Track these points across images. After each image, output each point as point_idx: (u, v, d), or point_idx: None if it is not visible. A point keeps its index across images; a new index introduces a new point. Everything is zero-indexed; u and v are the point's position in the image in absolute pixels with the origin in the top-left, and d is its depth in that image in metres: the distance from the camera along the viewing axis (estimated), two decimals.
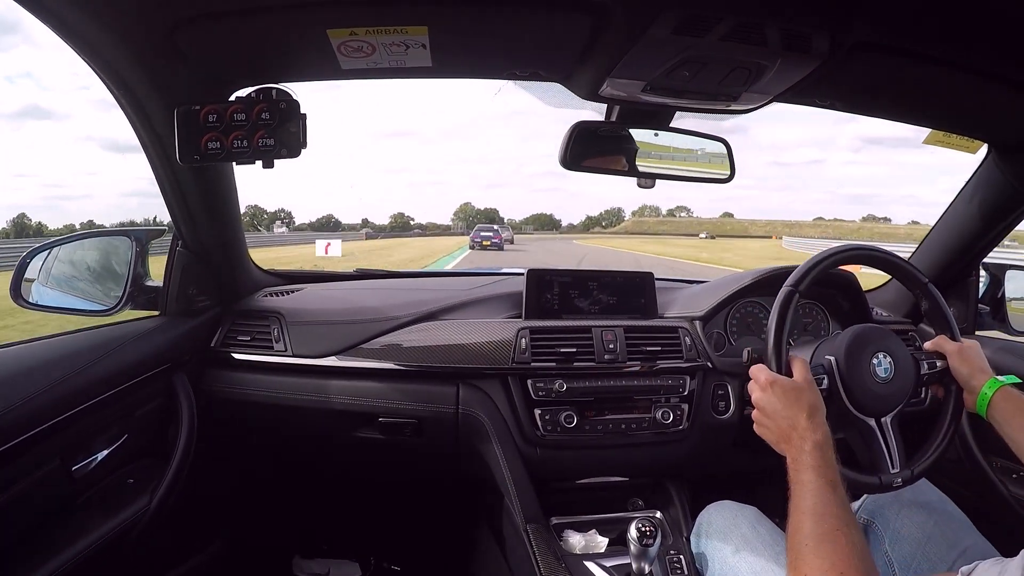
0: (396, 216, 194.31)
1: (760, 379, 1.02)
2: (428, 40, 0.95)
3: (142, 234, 1.37)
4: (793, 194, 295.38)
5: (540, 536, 1.27)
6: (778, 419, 0.96)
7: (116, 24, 0.89)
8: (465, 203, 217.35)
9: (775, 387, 0.99)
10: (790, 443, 0.92)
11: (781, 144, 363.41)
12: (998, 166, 1.39)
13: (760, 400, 1.01)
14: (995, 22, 0.86)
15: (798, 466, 0.88)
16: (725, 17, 0.86)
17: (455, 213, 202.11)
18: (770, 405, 0.98)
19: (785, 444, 0.94)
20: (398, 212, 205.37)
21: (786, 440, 0.94)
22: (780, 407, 0.96)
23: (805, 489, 0.85)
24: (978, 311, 1.67)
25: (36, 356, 1.07)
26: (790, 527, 0.83)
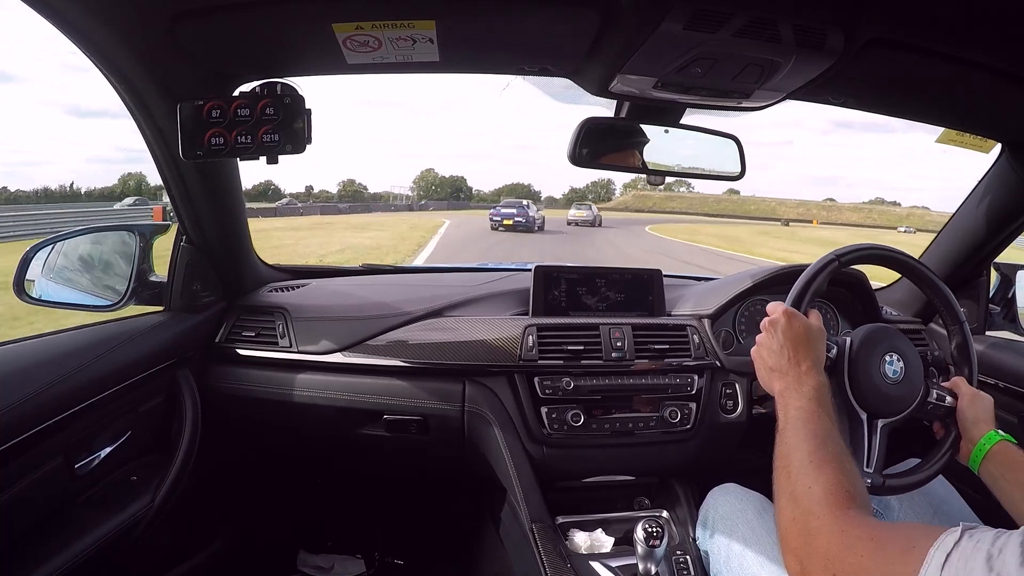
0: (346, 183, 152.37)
1: (778, 308, 1.00)
2: (436, 35, 0.93)
3: (146, 229, 1.37)
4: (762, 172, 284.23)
5: (545, 535, 1.26)
6: (783, 350, 0.95)
7: (118, 19, 0.88)
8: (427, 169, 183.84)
9: (792, 319, 0.97)
10: (786, 375, 0.92)
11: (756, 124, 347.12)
12: (1011, 165, 1.38)
13: (774, 322, 0.98)
14: (1010, 20, 0.84)
15: (795, 395, 0.88)
16: (738, 13, 0.84)
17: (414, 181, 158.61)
18: (780, 333, 0.96)
19: (780, 375, 0.93)
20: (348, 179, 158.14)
21: (782, 372, 0.93)
22: (789, 339, 0.95)
23: (804, 415, 0.84)
24: (988, 311, 1.66)
25: (39, 353, 1.06)
26: (783, 448, 0.82)
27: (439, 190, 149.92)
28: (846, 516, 0.64)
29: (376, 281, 1.81)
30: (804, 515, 0.69)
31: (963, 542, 0.49)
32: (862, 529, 0.61)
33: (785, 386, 0.91)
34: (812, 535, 0.65)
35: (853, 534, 0.61)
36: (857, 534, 0.60)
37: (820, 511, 0.67)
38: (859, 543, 0.59)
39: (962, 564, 0.47)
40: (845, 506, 0.67)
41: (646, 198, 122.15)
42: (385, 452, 1.50)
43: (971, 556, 0.47)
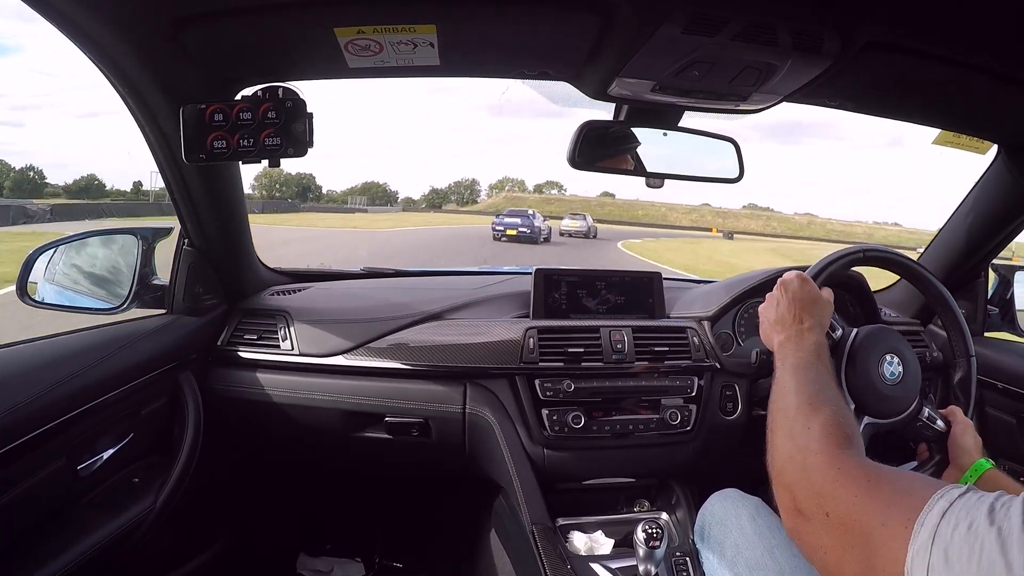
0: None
1: (794, 272, 1.04)
2: (437, 39, 0.94)
3: (148, 232, 1.37)
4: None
5: (546, 537, 1.27)
6: (791, 307, 0.98)
7: (122, 22, 0.89)
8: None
9: (805, 283, 1.01)
10: (788, 329, 0.95)
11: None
12: (1008, 167, 1.39)
13: (787, 283, 1.02)
14: (1007, 22, 0.85)
15: (795, 347, 0.91)
16: (736, 17, 0.85)
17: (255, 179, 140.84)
18: (791, 292, 1.00)
19: (782, 328, 0.97)
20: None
21: (784, 326, 0.96)
22: (799, 299, 0.98)
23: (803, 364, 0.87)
24: (987, 312, 1.67)
25: (42, 355, 1.07)
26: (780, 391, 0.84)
27: (284, 189, 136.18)
28: (843, 455, 0.65)
29: (377, 284, 1.82)
30: (801, 452, 0.70)
31: (968, 495, 0.49)
32: (859, 469, 0.61)
33: (786, 338, 0.94)
34: (808, 471, 0.66)
35: (849, 473, 0.61)
36: (853, 473, 0.61)
37: (817, 448, 0.68)
38: (854, 482, 0.59)
39: (963, 513, 0.47)
40: (844, 445, 0.67)
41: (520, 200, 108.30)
42: (386, 454, 1.50)
43: (974, 507, 0.47)
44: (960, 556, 0.45)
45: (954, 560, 0.45)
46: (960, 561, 0.44)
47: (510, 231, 22.24)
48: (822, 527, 0.59)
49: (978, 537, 0.44)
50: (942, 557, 0.45)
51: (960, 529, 0.46)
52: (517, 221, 22.88)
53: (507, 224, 22.70)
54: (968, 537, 0.45)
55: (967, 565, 0.44)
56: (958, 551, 0.45)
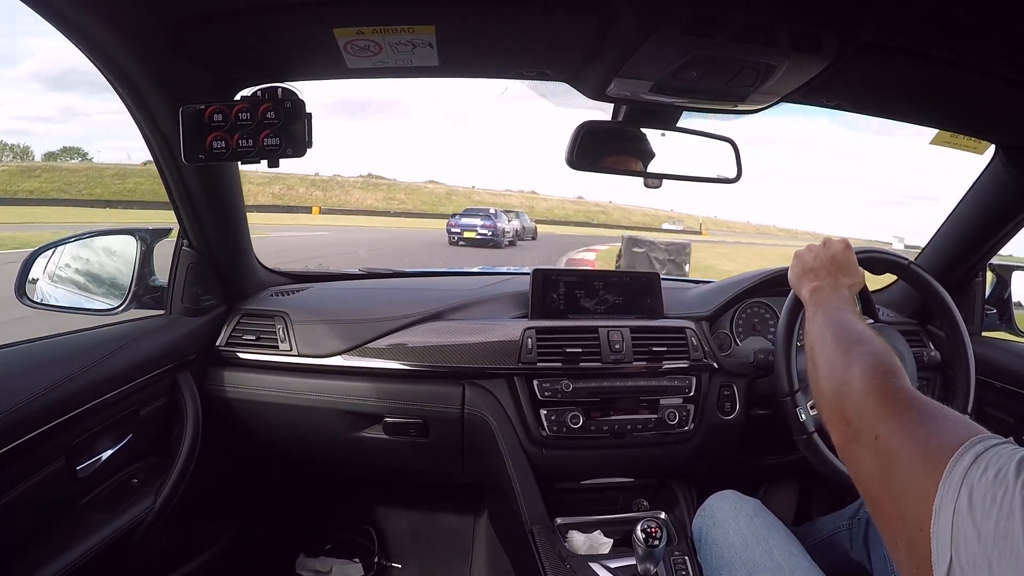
0: None
1: (842, 238, 1.06)
2: (435, 39, 0.94)
3: (147, 233, 1.37)
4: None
5: (545, 537, 1.27)
6: (830, 263, 1.01)
7: (121, 23, 0.89)
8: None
9: (849, 250, 1.04)
10: (821, 279, 0.98)
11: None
12: (1005, 167, 1.39)
13: (831, 243, 1.05)
14: (1004, 22, 0.85)
15: (830, 293, 0.94)
16: (734, 17, 0.85)
17: None
18: (834, 250, 1.03)
19: (815, 277, 1.00)
20: None
21: (818, 275, 0.99)
22: (839, 260, 1.01)
23: (838, 307, 0.89)
24: (985, 312, 1.67)
25: (41, 355, 1.07)
26: (817, 329, 0.86)
27: None
28: (896, 384, 0.65)
29: (376, 285, 1.82)
30: (853, 377, 0.70)
31: (1004, 446, 0.49)
32: (910, 398, 0.61)
33: (819, 287, 0.96)
34: (863, 394, 0.66)
35: (901, 400, 0.62)
36: (905, 402, 0.61)
37: (871, 375, 0.68)
38: (907, 411, 0.59)
39: (995, 459, 0.47)
40: (893, 374, 0.67)
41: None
42: (385, 454, 1.50)
43: (1007, 456, 0.47)
44: (983, 500, 0.45)
45: (977, 503, 0.45)
46: (983, 505, 0.45)
47: (468, 233, 18.92)
48: (871, 449, 0.60)
49: (1003, 485, 0.45)
50: (967, 499, 0.46)
51: (988, 474, 0.46)
52: (476, 222, 19.26)
53: (464, 225, 19.20)
54: (994, 484, 0.45)
55: (988, 510, 0.44)
56: (982, 495, 0.45)
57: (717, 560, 1.10)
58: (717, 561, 1.10)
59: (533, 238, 25.36)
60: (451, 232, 19.24)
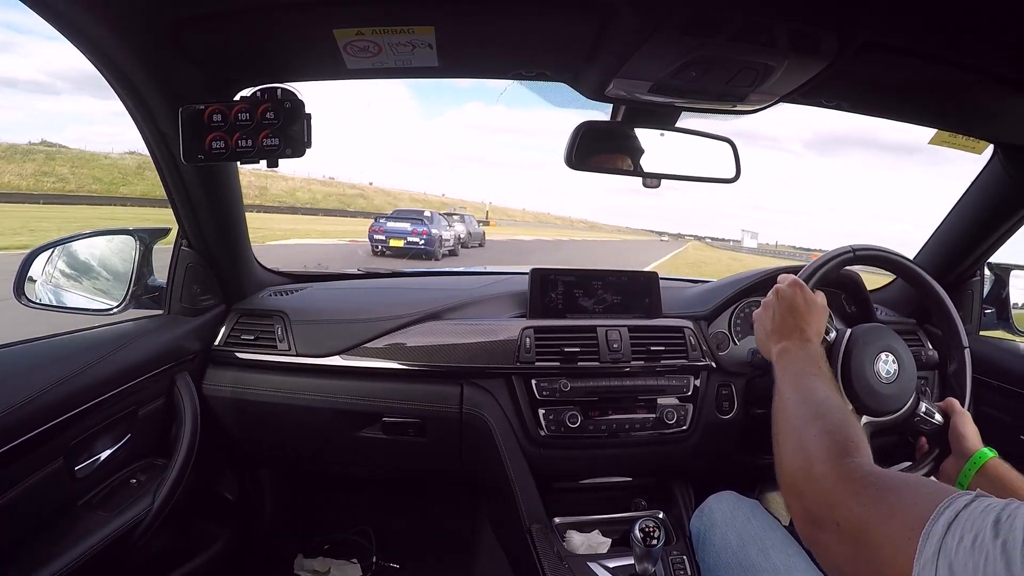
0: None
1: (789, 278, 1.03)
2: (435, 40, 0.94)
3: (146, 233, 1.37)
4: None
5: (543, 536, 1.27)
6: (789, 315, 0.98)
7: (121, 23, 0.89)
8: None
9: (800, 288, 1.00)
10: (786, 338, 0.95)
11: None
12: (1003, 166, 1.39)
13: (782, 291, 1.01)
14: (1003, 22, 0.85)
15: (793, 359, 0.90)
16: (733, 17, 0.85)
17: None
18: (788, 300, 0.99)
19: (780, 337, 0.96)
20: None
21: (783, 334, 0.96)
22: (795, 306, 0.98)
23: (804, 371, 0.86)
24: (983, 311, 1.67)
25: (39, 355, 1.07)
26: (782, 402, 0.83)
27: None
28: (850, 463, 0.64)
29: (374, 285, 1.82)
30: (808, 462, 0.69)
31: (974, 504, 0.48)
32: (866, 477, 0.60)
33: (785, 347, 0.93)
34: (816, 480, 0.65)
35: (857, 481, 0.61)
36: (861, 482, 0.60)
37: (825, 458, 0.67)
38: (862, 491, 0.58)
39: (969, 524, 0.46)
40: (850, 453, 0.67)
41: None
42: (383, 454, 1.51)
43: (980, 517, 0.46)
44: (964, 571, 0.44)
45: (959, 575, 0.44)
46: None
47: (395, 241, 15.33)
48: (835, 536, 0.59)
49: (983, 551, 0.43)
50: (947, 572, 0.45)
51: (965, 543, 0.45)
52: (405, 227, 15.53)
53: (391, 231, 15.58)
54: (973, 552, 0.44)
55: None
56: (963, 566, 0.44)
57: (715, 561, 1.10)
58: (715, 562, 1.10)
59: (480, 244, 22.76)
60: (374, 240, 15.60)
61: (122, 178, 50.57)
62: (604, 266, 1.66)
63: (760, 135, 36.27)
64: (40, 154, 51.56)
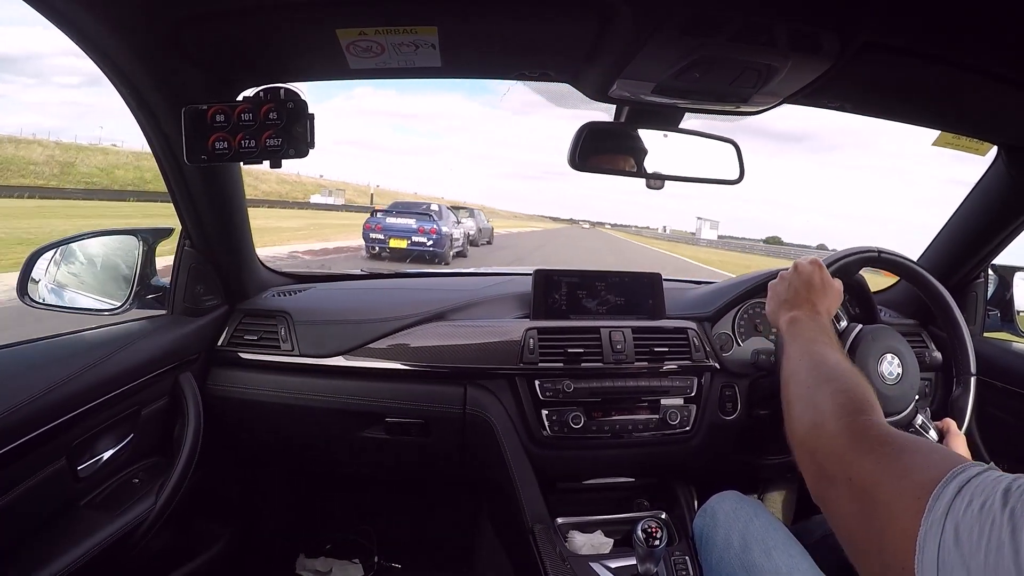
0: None
1: (810, 257, 1.06)
2: (438, 40, 0.94)
3: (149, 234, 1.37)
4: None
5: (545, 537, 1.27)
6: (804, 289, 1.00)
7: (123, 24, 0.89)
8: None
9: (820, 269, 1.03)
10: (798, 308, 0.97)
11: None
12: (1007, 168, 1.39)
13: (801, 266, 1.04)
14: (1006, 23, 0.85)
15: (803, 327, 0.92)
16: (734, 17, 0.85)
17: None
18: (806, 275, 1.02)
19: (791, 307, 0.98)
20: None
21: (794, 305, 0.98)
22: (812, 283, 1.00)
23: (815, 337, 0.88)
24: (987, 313, 1.67)
25: (41, 355, 1.07)
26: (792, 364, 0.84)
27: None
28: (867, 421, 0.64)
29: (378, 285, 1.82)
30: (822, 417, 0.69)
31: (987, 473, 0.48)
32: (881, 435, 0.60)
33: (795, 316, 0.95)
34: (832, 436, 0.65)
35: (872, 438, 0.61)
36: (876, 439, 0.60)
37: (840, 414, 0.67)
38: (879, 448, 0.58)
39: (980, 491, 0.46)
40: (865, 412, 0.67)
41: None
42: (386, 454, 1.51)
43: (990, 485, 0.46)
44: (970, 534, 0.44)
45: (964, 538, 0.44)
46: (970, 539, 0.43)
47: (396, 242, 12.86)
48: (846, 492, 0.59)
49: (990, 517, 0.43)
50: (953, 534, 0.45)
51: (973, 506, 0.45)
52: (409, 224, 12.99)
53: (391, 229, 13.02)
54: (980, 516, 0.44)
55: (976, 544, 0.43)
56: (968, 529, 0.44)
57: (717, 561, 1.10)
58: (717, 562, 1.10)
59: (488, 242, 21.04)
60: (370, 239, 13.12)
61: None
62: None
63: None
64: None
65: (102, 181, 45.99)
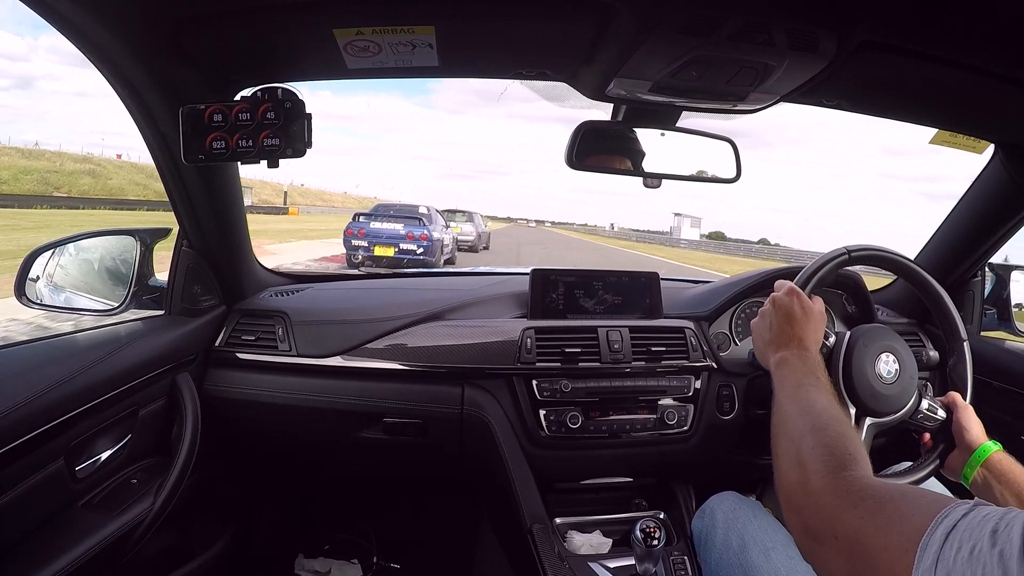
0: None
1: (786, 286, 1.03)
2: (435, 40, 0.94)
3: (147, 234, 1.37)
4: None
5: (544, 537, 1.27)
6: (786, 324, 0.98)
7: (121, 23, 0.89)
8: None
9: (797, 297, 1.00)
10: (784, 347, 0.94)
11: None
12: (1004, 166, 1.39)
13: (778, 300, 1.02)
14: (1003, 21, 0.85)
15: (791, 369, 0.90)
16: (732, 16, 0.86)
17: None
18: (785, 308, 0.99)
19: (776, 347, 0.96)
20: None
21: (783, 345, 0.96)
22: (792, 315, 0.98)
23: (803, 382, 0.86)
24: (984, 312, 1.67)
25: (39, 355, 1.07)
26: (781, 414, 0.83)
27: None
28: (849, 477, 0.65)
29: (375, 285, 1.82)
30: (805, 476, 0.69)
31: (973, 514, 0.48)
32: (863, 490, 0.61)
33: (783, 357, 0.93)
34: (815, 495, 0.66)
35: (854, 494, 0.61)
36: (858, 494, 0.60)
37: (823, 471, 0.67)
38: (860, 503, 0.59)
39: (967, 534, 0.46)
40: (848, 467, 0.67)
41: None
42: (384, 455, 1.51)
43: (977, 527, 0.46)
44: None
45: None
46: None
47: (382, 249, 11.31)
48: (833, 550, 0.59)
49: (980, 561, 0.43)
50: None
51: (963, 552, 0.45)
52: (396, 230, 11.57)
53: (375, 235, 11.48)
54: (970, 561, 0.44)
55: None
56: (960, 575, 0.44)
57: (716, 561, 1.10)
58: (716, 562, 1.10)
59: (485, 247, 19.71)
60: (352, 246, 11.53)
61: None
62: None
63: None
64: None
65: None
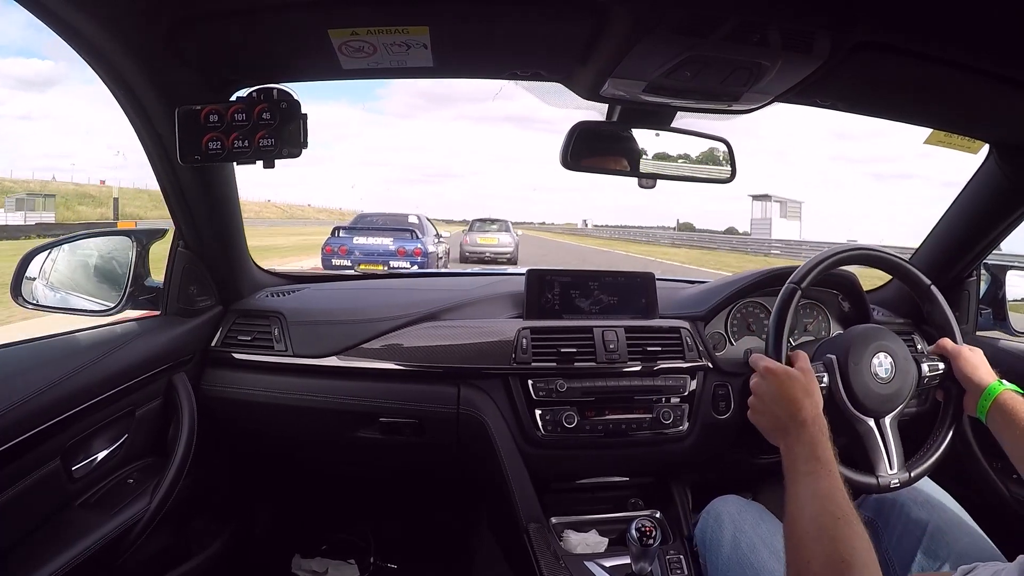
0: None
1: (759, 366, 1.02)
2: (429, 40, 0.95)
3: (143, 234, 1.37)
4: None
5: (540, 536, 1.27)
6: (774, 407, 0.96)
7: (117, 24, 0.89)
8: None
9: (774, 374, 0.99)
10: (786, 433, 0.92)
11: None
12: (999, 166, 1.39)
13: (757, 387, 1.01)
14: (998, 21, 0.85)
15: (794, 456, 0.89)
16: (727, 17, 0.86)
17: None
18: (767, 392, 0.98)
19: (780, 433, 0.94)
20: None
21: (781, 429, 0.94)
22: (777, 394, 0.96)
23: (803, 478, 0.85)
24: (979, 312, 1.67)
25: (36, 355, 1.07)
26: (788, 516, 0.83)
27: None
28: None
29: (372, 285, 1.82)
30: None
31: None
32: None
33: (787, 445, 0.92)
34: None
35: None
36: None
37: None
38: None
39: None
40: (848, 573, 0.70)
41: None
42: (380, 455, 1.51)
43: None
44: None
45: None
46: None
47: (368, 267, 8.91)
48: None
49: None
50: None
51: None
52: (385, 244, 9.99)
53: (361, 252, 9.88)
54: None
55: None
56: None
57: (725, 562, 1.10)
58: (725, 563, 1.10)
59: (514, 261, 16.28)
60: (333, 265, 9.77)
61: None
62: None
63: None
64: None
65: None
